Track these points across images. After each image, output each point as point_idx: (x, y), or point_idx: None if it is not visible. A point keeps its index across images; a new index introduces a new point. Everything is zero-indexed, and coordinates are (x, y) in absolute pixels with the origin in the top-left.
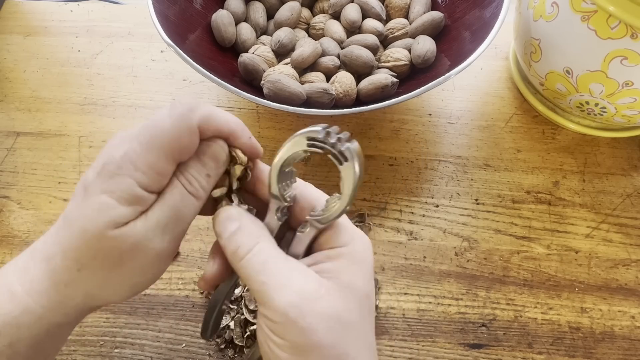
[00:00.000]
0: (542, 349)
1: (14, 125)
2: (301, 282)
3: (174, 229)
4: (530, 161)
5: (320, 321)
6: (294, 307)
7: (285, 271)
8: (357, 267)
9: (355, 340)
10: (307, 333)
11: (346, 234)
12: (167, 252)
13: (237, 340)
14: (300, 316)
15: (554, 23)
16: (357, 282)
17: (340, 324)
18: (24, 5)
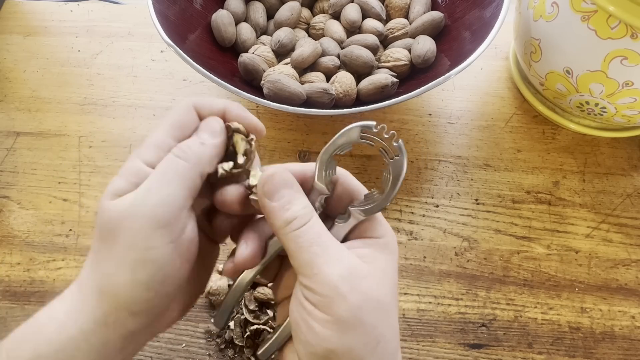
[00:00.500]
0: (542, 349)
1: (14, 125)
2: (351, 259)
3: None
4: (530, 161)
5: (366, 299)
6: (345, 280)
7: (337, 247)
8: (391, 258)
9: (390, 324)
10: (353, 309)
11: (382, 227)
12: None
13: (237, 340)
14: (349, 291)
15: (554, 23)
16: (391, 270)
17: (380, 305)
18: (24, 5)
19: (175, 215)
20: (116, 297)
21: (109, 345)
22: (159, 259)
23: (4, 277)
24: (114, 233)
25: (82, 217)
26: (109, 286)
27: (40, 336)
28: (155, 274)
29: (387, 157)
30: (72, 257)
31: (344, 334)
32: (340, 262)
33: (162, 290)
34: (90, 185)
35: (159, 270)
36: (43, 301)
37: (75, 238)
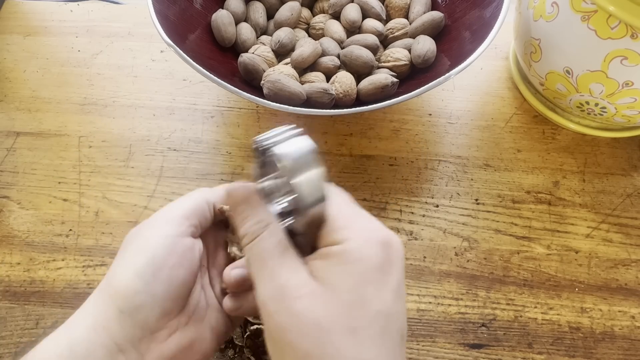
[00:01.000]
0: (542, 349)
1: (14, 125)
2: (286, 277)
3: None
4: (530, 161)
5: (295, 322)
6: (271, 301)
7: (275, 265)
8: (349, 268)
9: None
10: (280, 331)
11: (342, 232)
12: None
13: (237, 340)
14: (275, 312)
15: (554, 23)
16: (345, 285)
17: (319, 331)
18: (24, 5)
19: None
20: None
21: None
22: (153, 246)
23: (4, 277)
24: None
25: (82, 217)
26: (108, 283)
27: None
28: (148, 261)
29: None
30: (72, 257)
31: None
32: (272, 281)
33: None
34: (90, 185)
35: (152, 257)
36: (43, 301)
37: (75, 238)
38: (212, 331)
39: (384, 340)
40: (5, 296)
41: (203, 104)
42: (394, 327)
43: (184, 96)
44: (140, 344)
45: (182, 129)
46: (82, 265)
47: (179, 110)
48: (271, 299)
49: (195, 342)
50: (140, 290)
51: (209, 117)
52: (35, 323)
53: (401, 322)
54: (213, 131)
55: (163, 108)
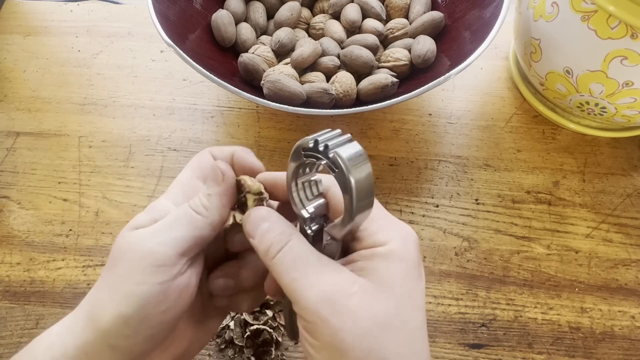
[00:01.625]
0: (542, 349)
1: (14, 125)
2: (333, 278)
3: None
4: (530, 161)
5: (354, 320)
6: (325, 303)
7: (317, 268)
8: (395, 266)
9: (395, 345)
10: (339, 333)
11: (382, 234)
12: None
13: (237, 340)
14: (331, 313)
15: (554, 23)
16: (396, 281)
17: (376, 325)
18: (24, 5)
19: (173, 260)
20: (98, 325)
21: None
22: (143, 296)
23: (4, 277)
24: (117, 261)
25: (82, 217)
26: (95, 313)
27: (30, 355)
28: (136, 311)
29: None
30: (72, 257)
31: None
32: (320, 284)
33: (141, 330)
34: (90, 185)
35: (141, 308)
36: (43, 301)
37: (75, 238)
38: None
39: (424, 332)
40: (5, 296)
41: (203, 104)
42: (426, 320)
43: (184, 96)
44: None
45: (182, 129)
46: (82, 265)
47: (179, 110)
48: (323, 302)
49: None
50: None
51: (209, 117)
52: (35, 323)
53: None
54: (213, 131)
55: (163, 108)
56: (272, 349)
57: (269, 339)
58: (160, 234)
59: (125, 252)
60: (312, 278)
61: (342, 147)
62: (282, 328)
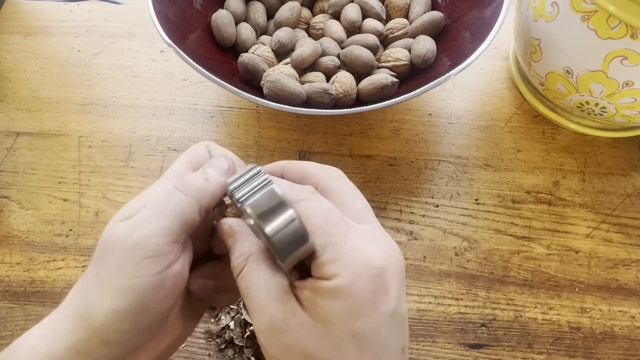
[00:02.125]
0: (542, 349)
1: (14, 125)
2: (274, 310)
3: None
4: (530, 161)
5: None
6: (265, 333)
7: (262, 297)
8: (338, 305)
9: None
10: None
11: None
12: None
13: (237, 340)
14: (268, 345)
15: (554, 23)
16: (336, 319)
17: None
18: (24, 5)
19: (165, 248)
20: (91, 323)
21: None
22: (141, 289)
23: (4, 277)
24: (105, 256)
25: (82, 217)
26: (86, 311)
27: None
28: (134, 305)
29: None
30: (72, 257)
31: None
32: (262, 314)
33: (140, 322)
34: (90, 185)
35: (139, 301)
36: (43, 301)
37: (75, 238)
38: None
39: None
40: (5, 296)
41: (203, 104)
42: (391, 347)
43: (184, 96)
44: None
45: (182, 129)
46: (82, 265)
47: (179, 110)
48: (262, 332)
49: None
50: (127, 329)
51: (209, 117)
52: (35, 323)
53: (400, 337)
54: (213, 131)
55: (163, 108)
56: None
57: None
58: (148, 222)
59: (113, 247)
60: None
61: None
62: None
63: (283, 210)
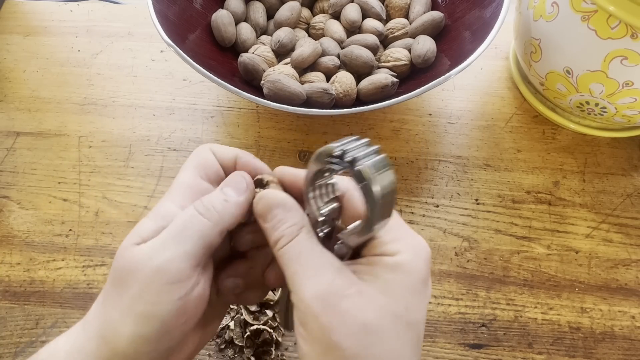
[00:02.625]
0: (542, 349)
1: (14, 125)
2: (332, 277)
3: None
4: (530, 161)
5: (343, 321)
6: (318, 300)
7: (318, 264)
8: (399, 278)
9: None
10: (326, 331)
11: (394, 244)
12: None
13: (237, 340)
14: (322, 310)
15: (554, 23)
16: (396, 292)
17: (365, 330)
18: (24, 5)
19: (188, 273)
20: (115, 346)
21: None
22: (164, 315)
23: (4, 277)
24: (125, 280)
25: (82, 217)
26: (110, 334)
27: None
28: (158, 330)
29: (356, 182)
30: (72, 257)
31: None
32: (318, 280)
33: (163, 344)
34: (90, 185)
35: (162, 326)
36: (43, 301)
37: (75, 238)
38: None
39: (418, 347)
40: (5, 296)
41: (203, 104)
42: (422, 331)
43: (184, 96)
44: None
45: (182, 129)
46: (82, 265)
47: (179, 110)
48: (316, 298)
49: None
50: (150, 351)
51: (209, 117)
52: (35, 323)
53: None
54: (213, 131)
55: (163, 108)
56: (272, 349)
57: (269, 339)
58: (169, 247)
59: (134, 271)
60: (312, 274)
61: (369, 161)
62: (281, 327)
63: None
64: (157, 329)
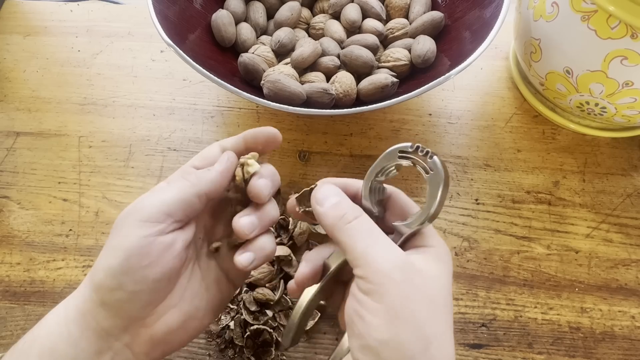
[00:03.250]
0: (542, 349)
1: (14, 125)
2: (402, 253)
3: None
4: (530, 161)
5: (419, 292)
6: (398, 269)
7: (387, 242)
8: (444, 267)
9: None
10: (404, 298)
11: (433, 239)
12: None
13: (237, 340)
14: (402, 279)
15: (554, 23)
16: (445, 277)
17: (433, 304)
18: (24, 5)
19: (158, 216)
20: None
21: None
22: (127, 247)
23: (4, 277)
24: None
25: (82, 217)
26: (93, 271)
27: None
28: (121, 263)
29: (424, 173)
30: (72, 257)
31: (393, 324)
32: (394, 253)
33: (126, 283)
34: (90, 185)
35: (126, 259)
36: (43, 301)
37: (75, 238)
38: (207, 305)
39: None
40: (5, 296)
41: (203, 104)
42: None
43: (184, 96)
44: (129, 329)
45: (182, 129)
46: (82, 265)
47: (179, 110)
48: (397, 267)
49: (187, 321)
50: (114, 288)
51: (209, 117)
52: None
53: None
54: (213, 131)
55: (163, 108)
56: (272, 349)
57: (269, 339)
58: (152, 195)
59: (124, 215)
60: (387, 247)
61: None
62: (282, 328)
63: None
64: (121, 261)
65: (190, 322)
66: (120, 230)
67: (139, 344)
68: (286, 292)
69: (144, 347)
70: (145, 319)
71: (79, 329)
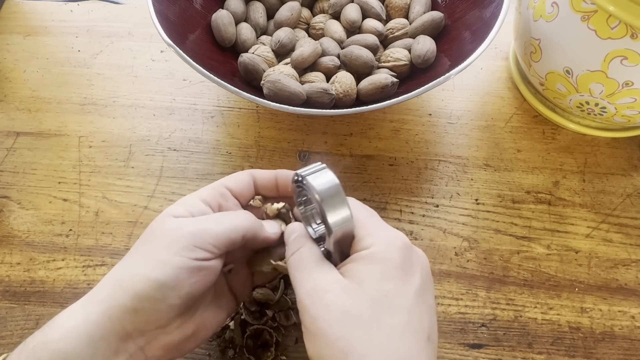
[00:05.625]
0: (542, 349)
1: (14, 125)
2: (320, 277)
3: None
4: (530, 161)
5: (327, 312)
6: (307, 296)
7: (312, 269)
8: (372, 267)
9: (365, 338)
10: (314, 320)
11: (368, 238)
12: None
13: (237, 340)
14: (311, 304)
15: (554, 23)
16: (372, 281)
17: (346, 318)
18: (24, 5)
19: (209, 246)
20: (130, 287)
21: (105, 340)
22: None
23: (4, 277)
24: (157, 236)
25: (82, 217)
26: (127, 278)
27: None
28: (171, 279)
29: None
30: (72, 257)
31: (311, 343)
32: (308, 281)
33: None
34: (90, 185)
35: (176, 276)
36: (43, 301)
37: (75, 238)
38: (215, 317)
39: (406, 333)
40: (5, 296)
41: (203, 104)
42: (417, 324)
43: (184, 96)
44: (149, 332)
45: (182, 129)
46: (82, 265)
47: (179, 110)
48: (306, 294)
49: (199, 330)
50: (159, 299)
51: (209, 117)
52: (35, 323)
53: (426, 322)
54: (213, 131)
55: (163, 108)
56: (272, 349)
57: (269, 339)
58: (206, 223)
59: (166, 231)
60: (305, 276)
61: (307, 170)
62: (282, 328)
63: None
64: (171, 277)
65: (201, 332)
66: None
67: (154, 348)
68: (286, 292)
69: (157, 351)
70: (168, 326)
71: (101, 331)
